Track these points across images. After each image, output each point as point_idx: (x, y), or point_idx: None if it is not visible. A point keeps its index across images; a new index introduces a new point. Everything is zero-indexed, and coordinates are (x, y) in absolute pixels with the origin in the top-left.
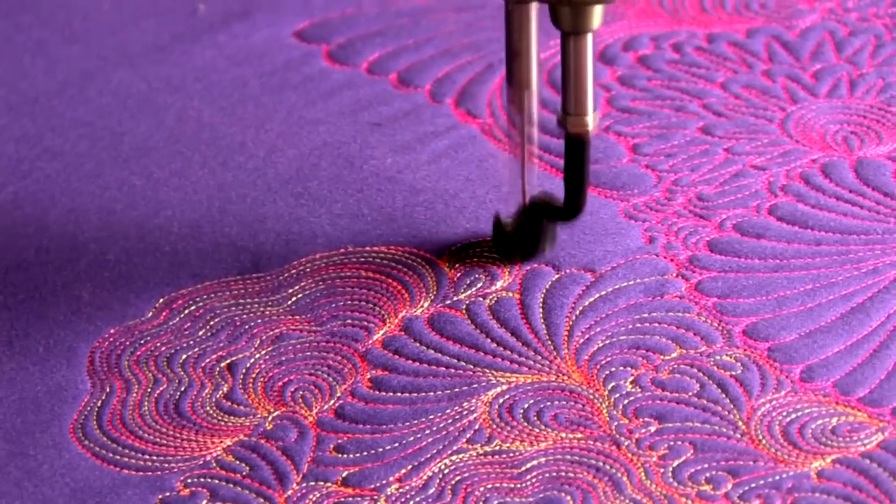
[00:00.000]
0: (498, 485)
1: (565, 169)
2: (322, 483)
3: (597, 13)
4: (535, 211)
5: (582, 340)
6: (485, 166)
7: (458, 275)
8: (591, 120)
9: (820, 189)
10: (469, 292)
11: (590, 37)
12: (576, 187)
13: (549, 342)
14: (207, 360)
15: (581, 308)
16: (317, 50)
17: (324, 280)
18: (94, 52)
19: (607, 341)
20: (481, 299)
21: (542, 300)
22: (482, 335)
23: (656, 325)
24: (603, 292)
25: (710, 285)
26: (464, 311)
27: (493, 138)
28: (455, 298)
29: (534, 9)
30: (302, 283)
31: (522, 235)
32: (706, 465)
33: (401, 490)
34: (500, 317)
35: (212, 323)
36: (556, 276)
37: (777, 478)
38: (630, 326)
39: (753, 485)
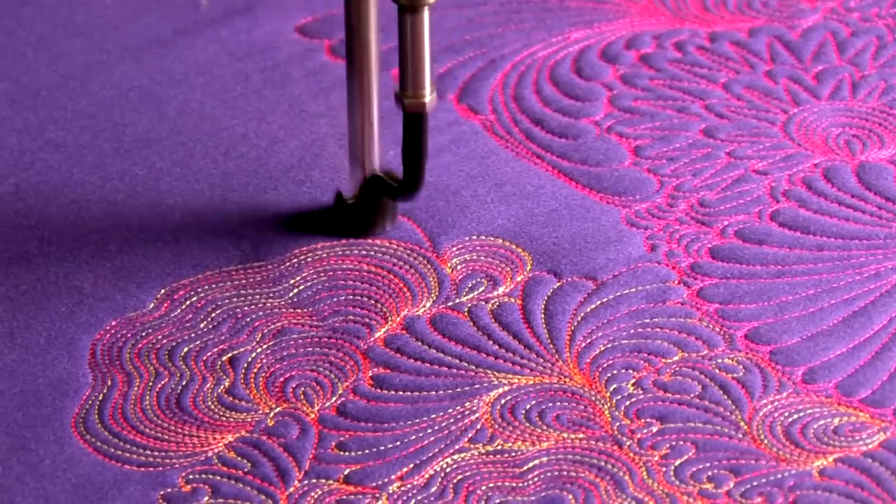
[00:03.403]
0: (500, 484)
1: (403, 146)
2: (324, 480)
3: None
4: (375, 185)
5: (584, 344)
6: (486, 162)
7: (460, 276)
8: (428, 95)
9: (822, 194)
10: (471, 295)
11: (426, 12)
12: (414, 163)
13: (551, 345)
14: (209, 354)
15: (583, 314)
16: (319, 45)
17: (325, 271)
18: (97, 46)
19: (609, 345)
20: (483, 303)
21: (543, 306)
22: (484, 337)
23: (658, 329)
24: (605, 299)
25: (711, 292)
26: (466, 314)
27: (495, 134)
28: (457, 300)
29: None
30: (303, 274)
31: (361, 209)
32: (708, 465)
33: (402, 488)
34: (502, 320)
35: (213, 315)
36: (558, 284)
37: (779, 476)
38: (632, 331)
39: (755, 483)
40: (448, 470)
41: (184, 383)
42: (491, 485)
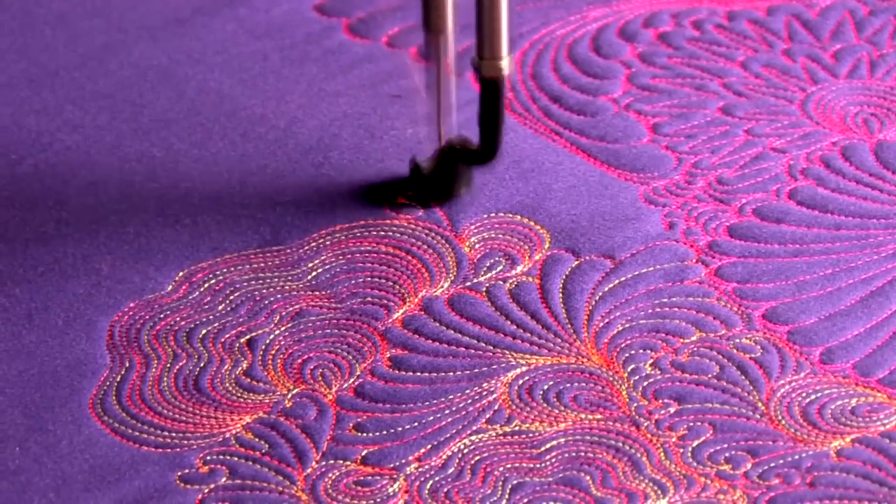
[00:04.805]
0: (518, 464)
1: (480, 112)
2: (341, 461)
3: None
4: (452, 154)
5: (601, 324)
6: (504, 139)
7: (478, 256)
8: (506, 64)
9: (840, 172)
10: (489, 275)
11: None
12: (491, 131)
13: (569, 325)
14: (227, 336)
15: (601, 293)
16: (337, 23)
17: (343, 254)
18: (115, 25)
19: (627, 325)
20: (501, 282)
21: (561, 285)
22: (502, 317)
23: (676, 309)
24: (623, 278)
25: (729, 270)
26: (484, 294)
27: (513, 112)
28: (475, 280)
29: None
30: (322, 257)
31: (438, 178)
32: (725, 446)
33: (420, 469)
34: (519, 300)
35: (231, 297)
36: (576, 263)
37: (796, 457)
38: (650, 311)
39: (773, 464)
40: (465, 451)
41: (202, 365)
42: (508, 466)
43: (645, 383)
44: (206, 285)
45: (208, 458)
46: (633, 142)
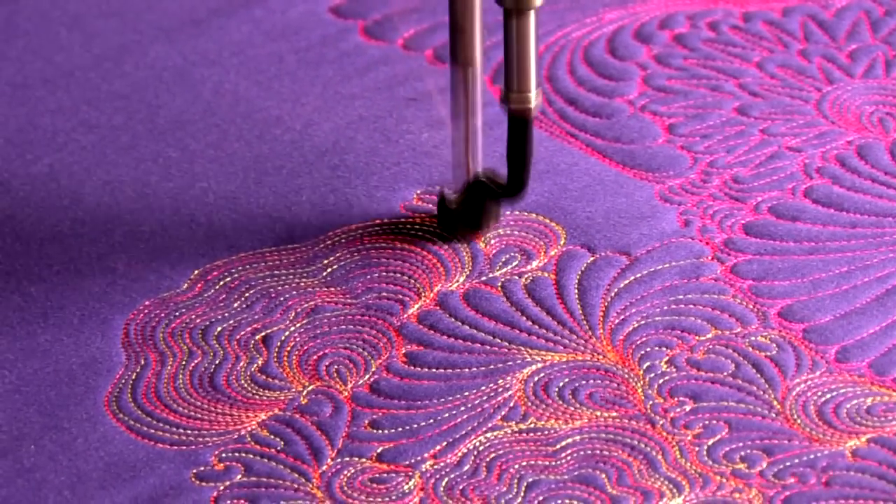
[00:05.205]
0: (533, 462)
1: (508, 147)
2: (357, 459)
3: None
4: (479, 188)
5: (617, 321)
6: None
7: (494, 251)
8: (534, 98)
9: (855, 171)
10: (504, 270)
11: (532, 14)
12: (518, 165)
13: (585, 322)
14: (242, 333)
15: (616, 290)
16: (353, 25)
17: (359, 251)
18: (131, 26)
19: (642, 322)
20: (517, 277)
21: (577, 281)
22: (517, 313)
23: (691, 306)
24: (638, 275)
25: (745, 268)
26: (499, 289)
27: None
28: (490, 275)
29: None
30: (337, 254)
31: (466, 212)
32: (741, 444)
33: (435, 466)
34: (535, 296)
35: (247, 295)
36: (592, 259)
37: (812, 456)
38: (665, 308)
39: (788, 463)
40: (481, 448)
41: (217, 362)
42: (524, 463)
43: (660, 381)
44: (221, 283)
45: (223, 455)
46: (649, 142)
